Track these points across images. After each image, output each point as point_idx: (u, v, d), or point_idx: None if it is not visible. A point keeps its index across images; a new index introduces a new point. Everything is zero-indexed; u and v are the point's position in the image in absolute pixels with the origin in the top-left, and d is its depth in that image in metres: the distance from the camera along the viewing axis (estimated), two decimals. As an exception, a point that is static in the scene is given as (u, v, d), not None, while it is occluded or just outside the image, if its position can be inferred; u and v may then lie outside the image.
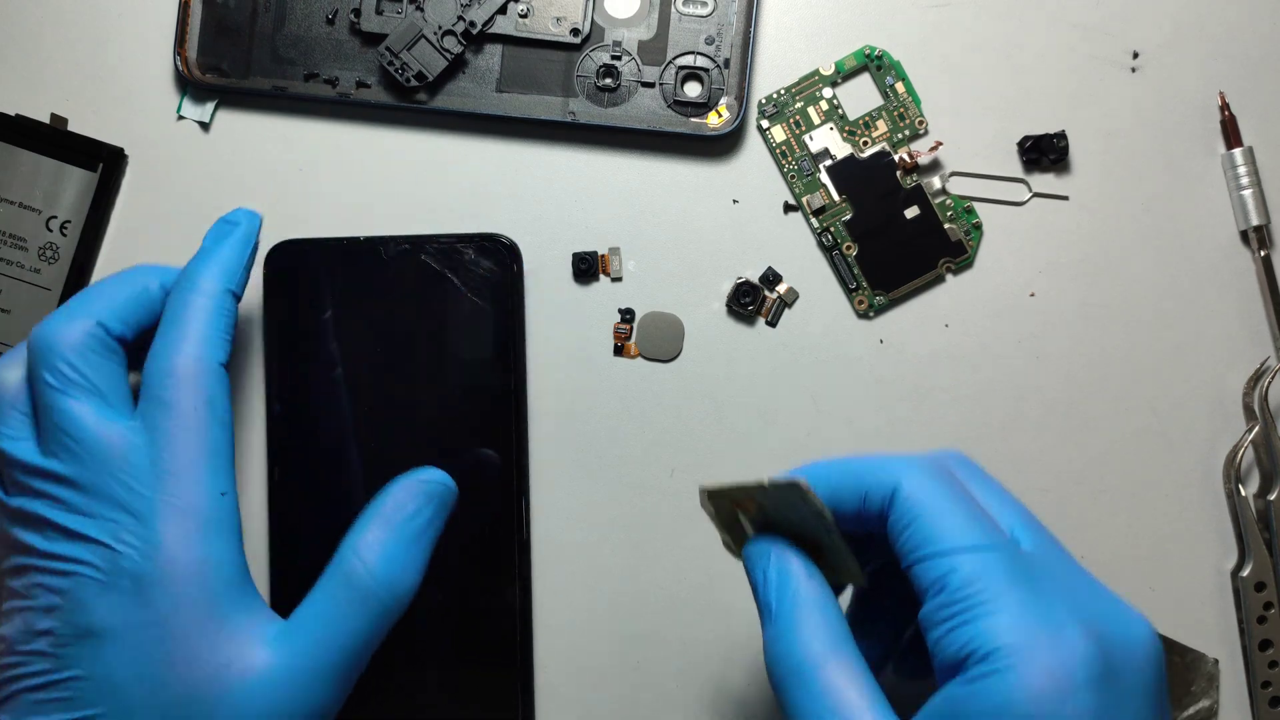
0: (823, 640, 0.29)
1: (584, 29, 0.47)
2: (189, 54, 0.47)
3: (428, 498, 0.37)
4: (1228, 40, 0.48)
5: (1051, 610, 0.27)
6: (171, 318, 0.37)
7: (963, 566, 0.28)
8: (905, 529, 0.29)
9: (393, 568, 0.35)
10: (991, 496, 0.32)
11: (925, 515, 0.29)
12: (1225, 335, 0.47)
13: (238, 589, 0.34)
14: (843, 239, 0.47)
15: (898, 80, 0.47)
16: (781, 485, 0.31)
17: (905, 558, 0.29)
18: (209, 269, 0.38)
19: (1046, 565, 0.29)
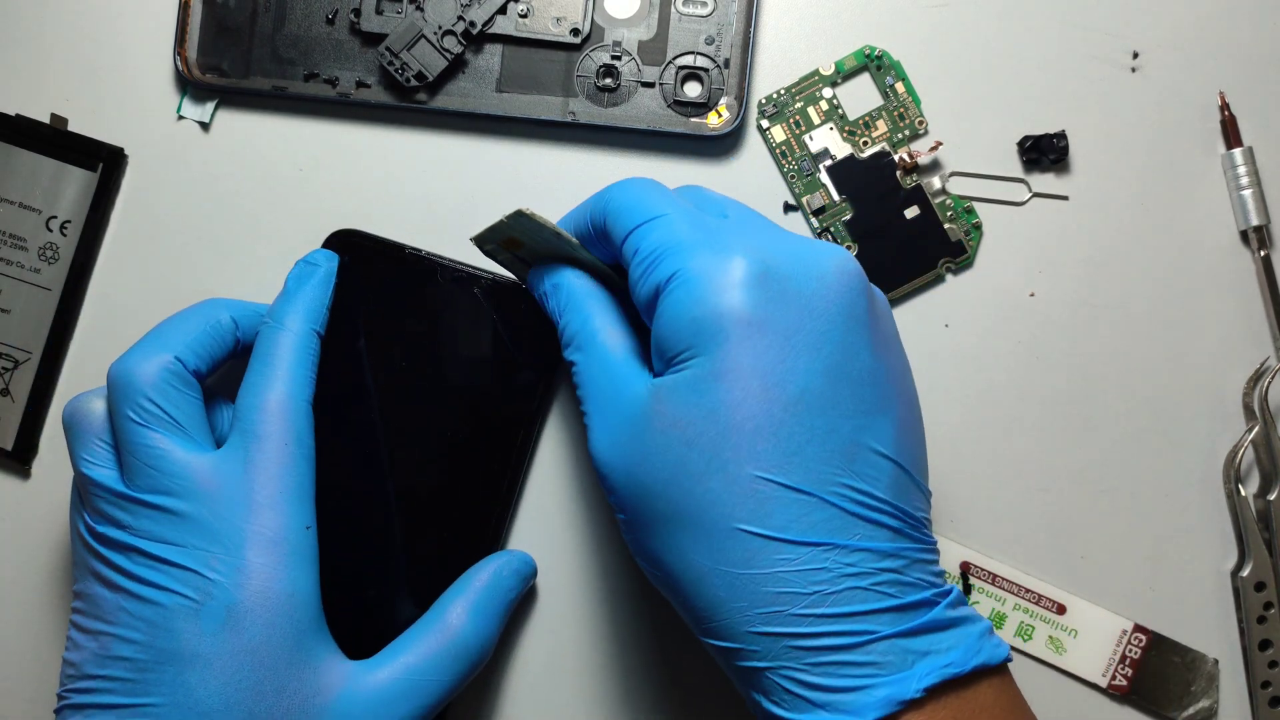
0: (600, 319, 0.37)
1: (584, 29, 0.47)
2: (189, 54, 0.47)
3: (518, 578, 0.42)
4: (1228, 40, 0.48)
5: (725, 246, 0.32)
6: (262, 355, 0.39)
7: (651, 231, 0.33)
8: (611, 220, 0.35)
9: (484, 633, 0.39)
10: (713, 200, 0.38)
11: (623, 204, 0.35)
12: (1225, 335, 0.47)
13: (318, 622, 0.36)
14: (843, 239, 0.47)
15: (898, 80, 0.47)
16: (513, 215, 0.37)
17: (617, 248, 0.35)
18: (296, 309, 0.40)
19: (741, 228, 0.34)
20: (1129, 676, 0.46)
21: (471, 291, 0.43)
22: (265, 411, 0.37)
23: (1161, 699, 0.46)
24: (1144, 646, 0.46)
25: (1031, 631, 0.46)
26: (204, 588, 0.34)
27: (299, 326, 0.39)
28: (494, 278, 0.43)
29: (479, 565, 0.41)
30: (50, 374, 0.48)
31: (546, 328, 0.40)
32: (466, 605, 0.39)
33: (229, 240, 0.48)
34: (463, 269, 0.44)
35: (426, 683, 0.37)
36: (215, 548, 0.34)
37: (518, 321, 0.43)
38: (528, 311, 0.42)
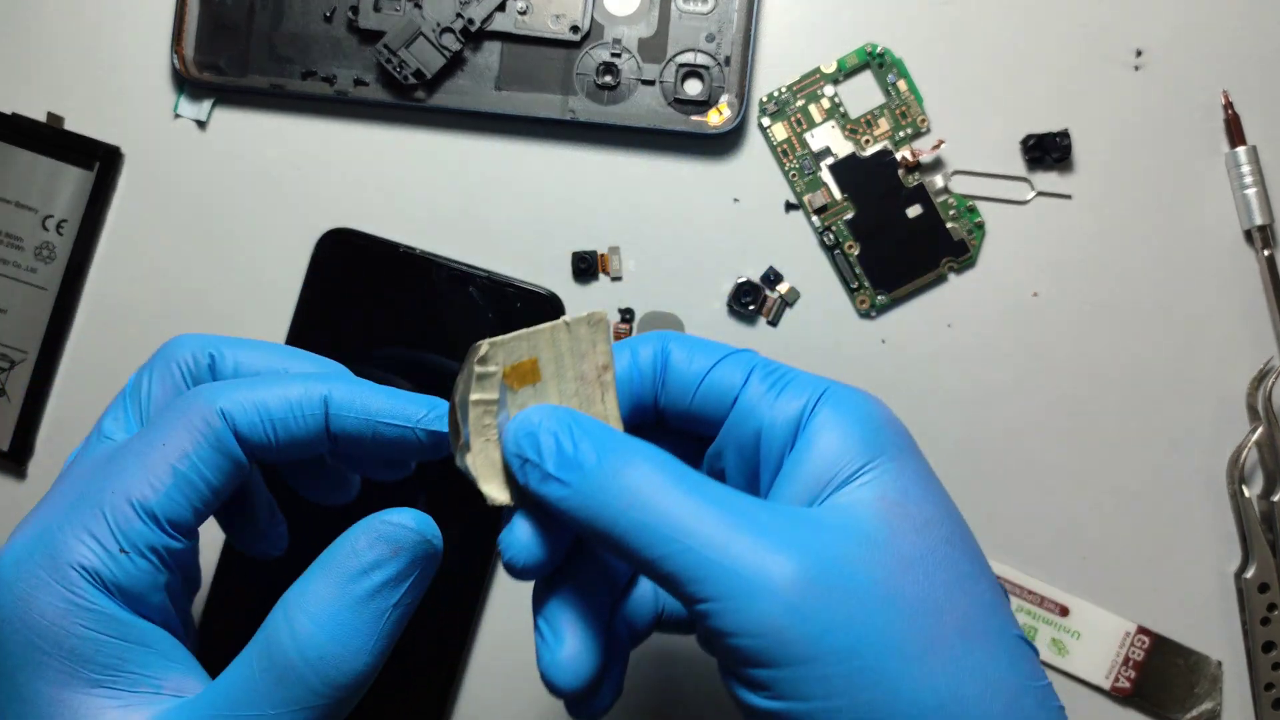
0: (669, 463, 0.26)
1: (584, 26, 0.46)
2: (186, 52, 0.47)
3: (393, 548, 0.25)
4: (1231, 39, 0.47)
5: (824, 383, 0.28)
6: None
7: (755, 358, 0.29)
8: (684, 360, 0.29)
9: (331, 641, 0.24)
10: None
11: (690, 348, 0.29)
12: (1229, 335, 0.47)
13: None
14: (844, 238, 0.47)
15: (900, 78, 0.47)
16: (580, 320, 0.28)
17: (697, 376, 0.29)
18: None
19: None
20: (1132, 679, 0.46)
21: (467, 290, 0.43)
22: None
23: (1165, 701, 0.46)
24: (1147, 648, 0.46)
25: (1034, 633, 0.46)
26: None
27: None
28: (489, 275, 0.43)
29: (342, 536, 0.26)
30: (46, 374, 0.47)
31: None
32: (306, 604, 0.25)
33: (226, 239, 0.48)
34: (457, 267, 0.43)
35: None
36: None
37: (515, 320, 0.42)
38: (524, 310, 0.42)
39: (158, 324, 0.48)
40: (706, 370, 0.28)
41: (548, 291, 0.45)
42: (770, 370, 0.28)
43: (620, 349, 0.29)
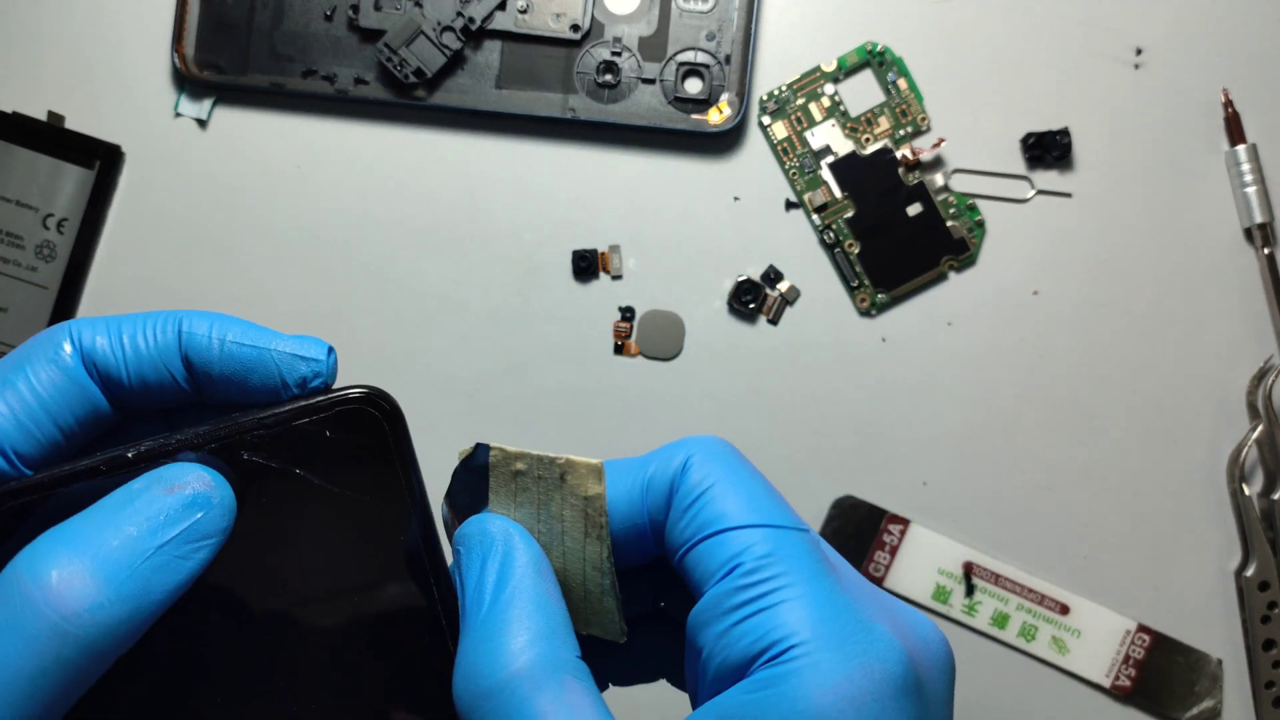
0: (542, 651, 0.22)
1: (584, 25, 0.46)
2: (186, 51, 0.47)
3: (197, 504, 0.22)
4: (1231, 37, 0.47)
5: (859, 604, 0.21)
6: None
7: (762, 542, 0.22)
8: (691, 506, 0.23)
9: (85, 586, 0.20)
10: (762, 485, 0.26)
11: (717, 488, 0.23)
12: (1229, 333, 0.47)
13: None
14: (845, 236, 0.47)
15: (900, 77, 0.47)
16: (576, 465, 0.24)
17: (688, 541, 0.23)
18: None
19: (837, 560, 0.24)
20: (1133, 677, 0.46)
21: (243, 458, 0.23)
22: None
23: (1165, 699, 0.46)
24: (1147, 647, 0.46)
25: (1035, 632, 0.46)
26: None
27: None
28: (261, 419, 0.23)
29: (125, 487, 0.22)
30: (47, 373, 0.47)
31: (375, 440, 0.24)
32: (60, 550, 0.20)
33: (226, 238, 0.48)
34: (195, 435, 0.23)
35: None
36: None
37: (336, 451, 0.24)
38: (341, 434, 0.24)
39: (158, 323, 0.48)
40: (696, 538, 0.23)
41: (360, 392, 0.24)
42: (758, 580, 0.21)
43: (633, 469, 0.24)
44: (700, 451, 0.24)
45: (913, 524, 0.46)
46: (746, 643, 0.21)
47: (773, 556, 0.22)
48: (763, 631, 0.21)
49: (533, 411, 0.47)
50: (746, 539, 0.22)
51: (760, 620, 0.21)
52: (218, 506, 0.22)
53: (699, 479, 0.23)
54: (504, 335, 0.47)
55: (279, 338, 0.24)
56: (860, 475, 0.47)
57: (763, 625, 0.21)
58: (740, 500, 0.23)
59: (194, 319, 0.24)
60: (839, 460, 0.47)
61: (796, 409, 0.47)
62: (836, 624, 0.21)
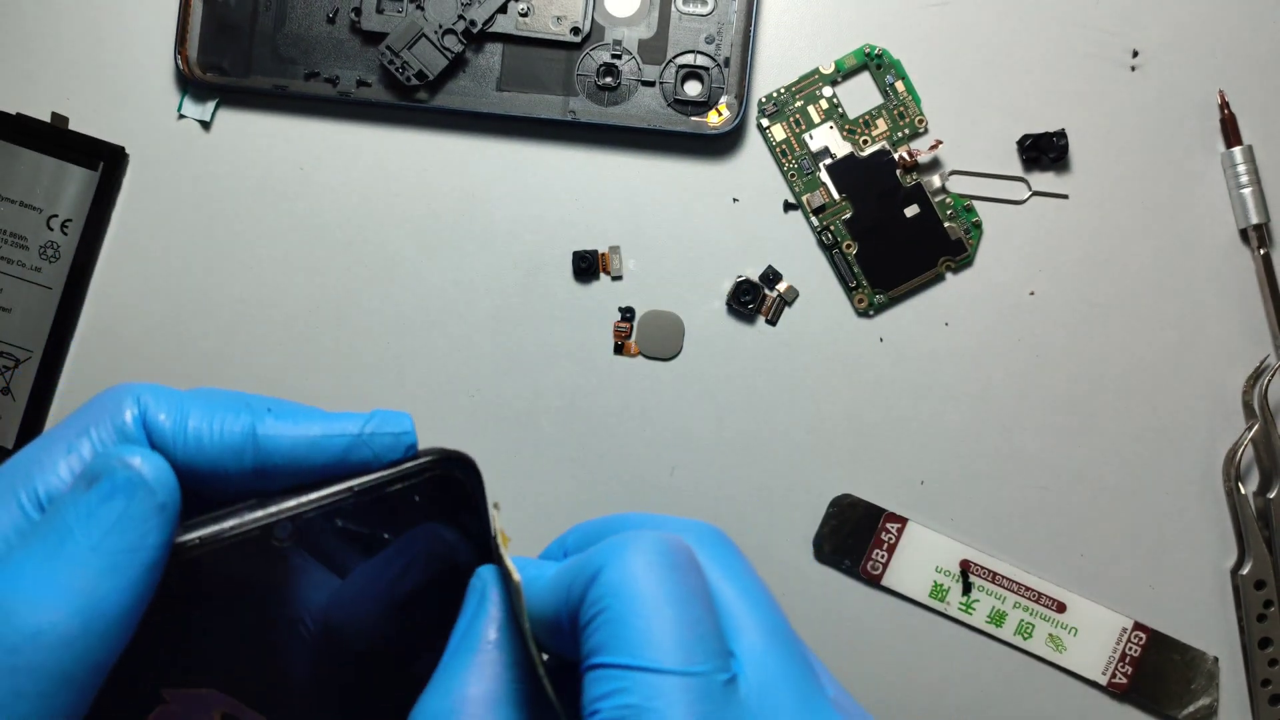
0: (486, 689, 0.22)
1: (584, 28, 0.47)
2: (190, 53, 0.47)
3: (118, 491, 0.20)
4: (1227, 39, 0.48)
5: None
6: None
7: (636, 689, 0.20)
8: (590, 622, 0.21)
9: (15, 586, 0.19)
10: (739, 590, 0.23)
11: (619, 611, 0.21)
12: (1225, 333, 0.47)
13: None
14: (843, 237, 0.47)
15: (898, 79, 0.47)
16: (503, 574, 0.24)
17: (585, 659, 0.21)
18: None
19: (763, 705, 0.21)
20: (1129, 674, 0.46)
21: (337, 528, 0.23)
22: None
23: (1161, 697, 0.46)
24: (1144, 644, 0.46)
25: (1031, 630, 0.46)
26: None
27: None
28: (353, 489, 0.23)
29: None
30: (51, 373, 0.48)
31: (463, 505, 0.25)
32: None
33: (229, 239, 0.48)
34: (297, 510, 0.23)
35: None
36: None
37: (415, 517, 0.24)
38: (426, 500, 0.24)
39: (161, 323, 0.48)
40: (585, 662, 0.21)
41: (448, 456, 0.24)
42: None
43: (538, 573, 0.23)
44: (616, 561, 0.21)
45: (910, 522, 0.47)
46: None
47: (635, 709, 0.20)
48: None
49: (533, 411, 0.47)
50: (616, 681, 0.20)
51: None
52: (149, 486, 0.20)
53: (598, 595, 0.21)
54: (505, 335, 0.48)
55: (358, 419, 0.24)
56: (858, 474, 0.47)
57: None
58: (633, 630, 0.21)
59: (268, 421, 0.23)
60: (837, 459, 0.47)
61: (795, 408, 0.47)
62: None
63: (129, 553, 0.20)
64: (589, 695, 0.21)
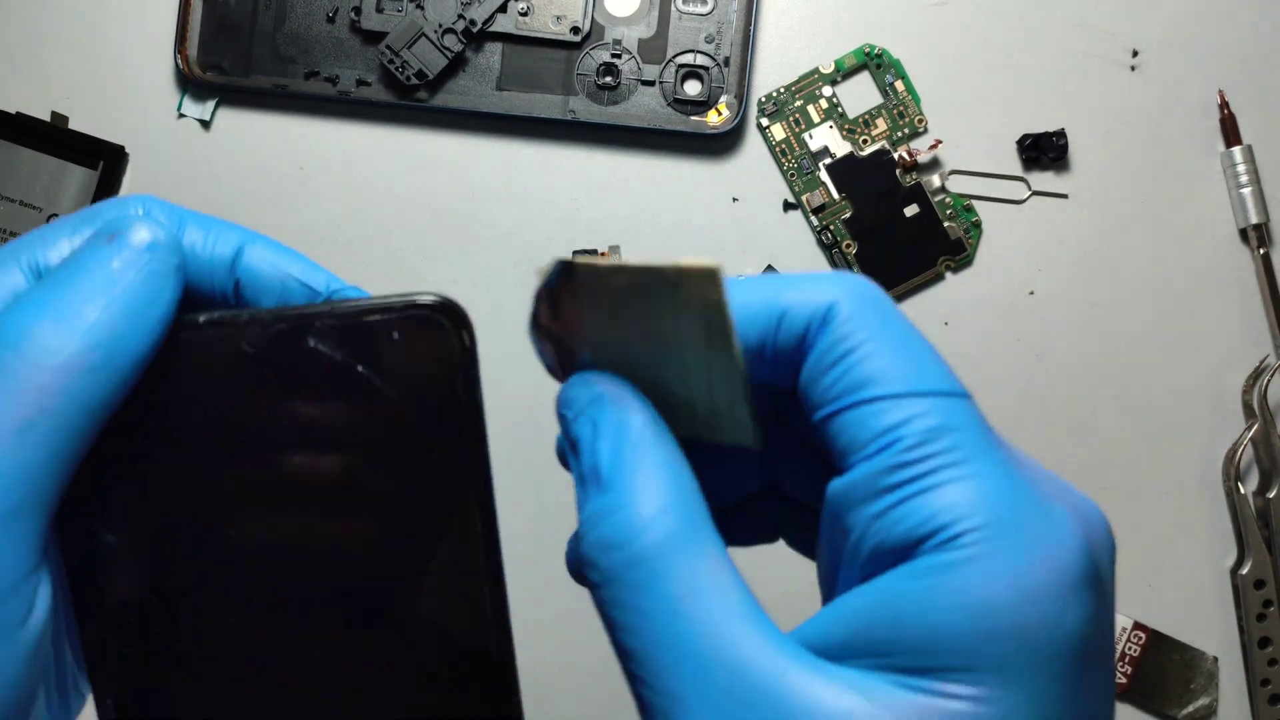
0: (677, 518, 0.20)
1: (584, 27, 0.47)
2: (189, 52, 0.47)
3: (141, 245, 0.22)
4: (1227, 39, 0.48)
5: (1035, 484, 0.19)
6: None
7: (926, 415, 0.19)
8: (839, 362, 0.20)
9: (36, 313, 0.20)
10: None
11: (871, 345, 0.20)
12: (1224, 333, 0.47)
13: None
14: (842, 237, 0.47)
15: (897, 79, 0.47)
16: (689, 271, 0.19)
17: (833, 403, 0.20)
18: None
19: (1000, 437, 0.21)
20: (1128, 674, 0.46)
21: (307, 346, 0.23)
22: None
23: (1161, 697, 0.46)
24: (1143, 644, 0.46)
25: (1031, 629, 0.46)
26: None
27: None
28: (334, 312, 0.23)
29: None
30: (51, 372, 0.48)
31: (443, 353, 0.23)
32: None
33: (229, 238, 0.48)
34: (286, 316, 0.23)
35: None
36: None
37: (391, 356, 0.24)
38: (404, 339, 0.24)
39: (161, 322, 0.48)
40: (843, 403, 0.20)
41: (434, 299, 0.23)
42: (922, 457, 0.19)
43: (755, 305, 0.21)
44: (850, 295, 0.20)
45: (910, 522, 0.47)
46: (908, 525, 0.18)
47: (939, 430, 0.19)
48: (929, 513, 0.18)
49: (533, 410, 0.47)
50: (907, 409, 0.19)
51: (925, 501, 0.18)
52: (168, 246, 0.22)
53: (848, 330, 0.20)
54: (505, 335, 0.48)
55: (338, 284, 0.25)
56: (858, 474, 0.47)
57: (929, 506, 0.18)
58: (899, 361, 0.19)
59: (259, 246, 0.24)
60: (837, 459, 0.47)
61: (795, 408, 0.47)
62: (1013, 507, 0.18)
63: (146, 303, 0.21)
64: (868, 432, 0.19)
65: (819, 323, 0.20)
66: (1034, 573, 0.18)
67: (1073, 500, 0.20)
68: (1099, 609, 0.18)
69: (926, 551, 0.18)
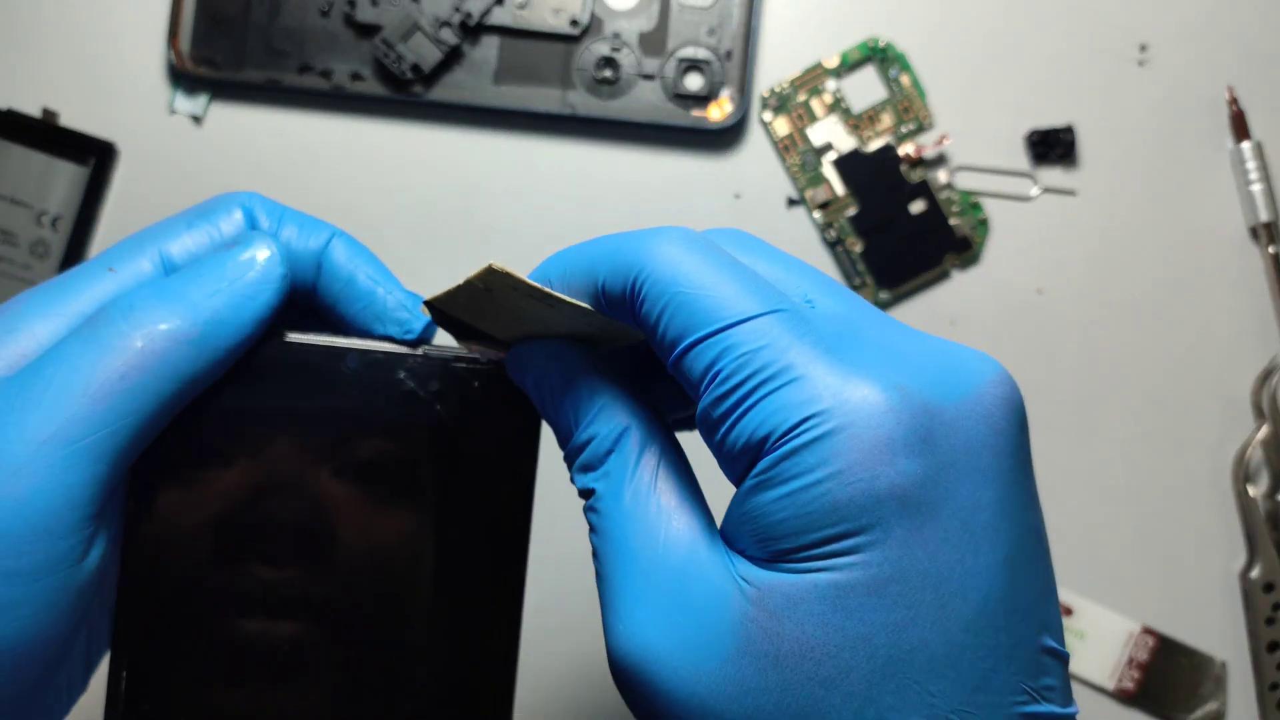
0: (640, 435, 0.24)
1: (583, 20, 0.46)
2: (181, 46, 0.47)
3: (255, 256, 0.25)
4: (1236, 34, 0.47)
5: (862, 373, 0.21)
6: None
7: (740, 341, 0.21)
8: (658, 323, 0.22)
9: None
10: (778, 265, 0.25)
11: (680, 298, 0.22)
12: (1234, 332, 0.47)
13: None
14: (847, 234, 0.47)
15: (903, 73, 0.47)
16: (484, 273, 0.23)
17: (668, 357, 0.22)
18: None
19: (851, 325, 0.23)
20: (1137, 679, 0.46)
21: (396, 377, 0.27)
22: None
23: (1169, 702, 0.46)
24: (1152, 649, 0.46)
25: (1037, 633, 0.46)
26: None
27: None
28: (424, 355, 0.27)
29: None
30: (41, 371, 0.47)
31: (520, 412, 0.27)
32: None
33: (222, 235, 0.47)
34: (377, 352, 0.27)
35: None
36: None
37: (472, 406, 0.27)
38: (483, 390, 0.27)
39: (153, 321, 0.47)
40: (674, 353, 0.22)
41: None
42: (747, 372, 0.21)
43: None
44: (653, 259, 0.22)
45: (915, 525, 0.46)
46: (739, 444, 0.21)
47: (750, 355, 0.21)
48: (750, 430, 0.21)
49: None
50: (717, 345, 0.21)
51: (746, 421, 0.21)
52: (277, 257, 0.25)
53: (658, 292, 0.22)
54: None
55: (396, 288, 0.28)
56: (862, 475, 0.47)
57: (749, 425, 0.21)
58: (707, 303, 0.22)
59: (341, 241, 0.28)
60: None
61: (798, 408, 0.47)
62: (825, 395, 0.20)
63: (248, 299, 0.24)
64: (697, 372, 0.22)
65: (631, 293, 0.23)
66: (849, 451, 0.20)
67: (925, 367, 0.22)
68: (930, 468, 0.20)
69: (768, 451, 0.21)
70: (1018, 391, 0.23)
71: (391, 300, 0.28)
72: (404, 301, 0.28)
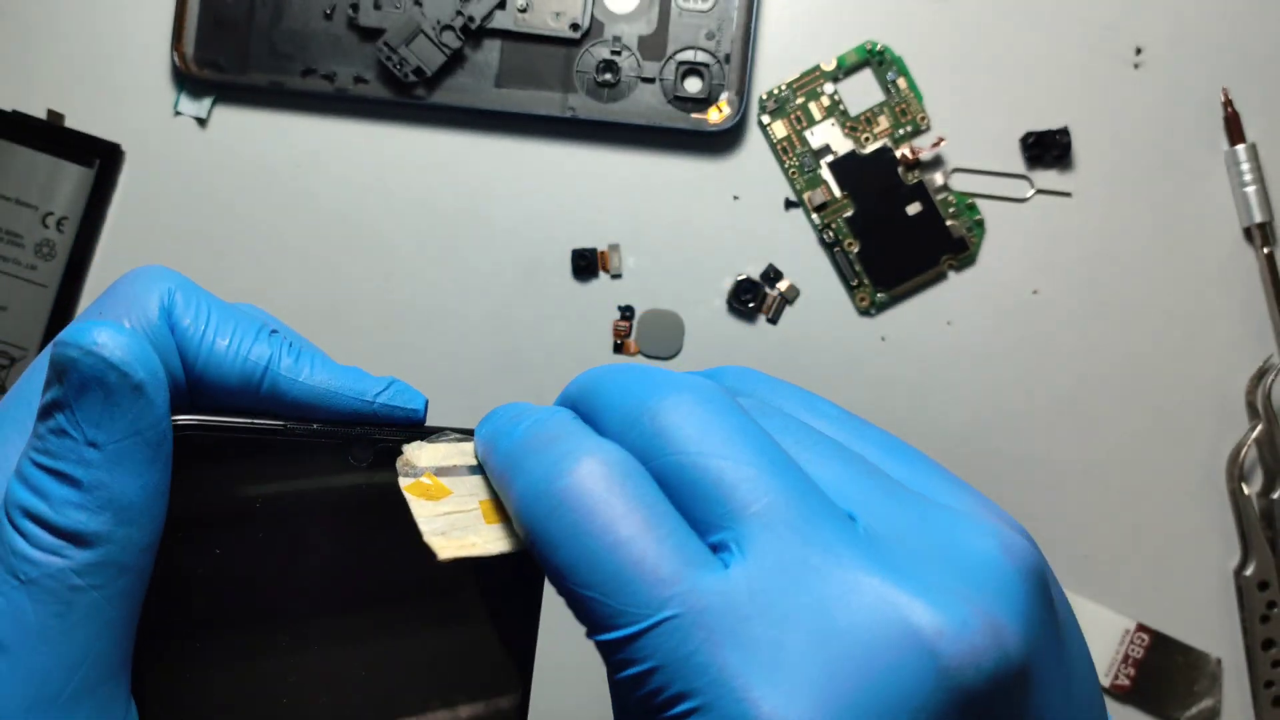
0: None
1: (583, 24, 0.46)
2: (186, 49, 0.47)
3: (89, 380, 0.18)
4: (1231, 36, 0.47)
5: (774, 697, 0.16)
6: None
7: (647, 653, 0.17)
8: (564, 594, 0.19)
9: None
10: (792, 424, 0.21)
11: (584, 567, 0.18)
12: (1228, 333, 0.47)
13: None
14: (844, 235, 0.47)
15: (900, 76, 0.47)
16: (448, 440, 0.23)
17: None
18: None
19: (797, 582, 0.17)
20: (1132, 676, 0.46)
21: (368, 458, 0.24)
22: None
23: (1164, 699, 0.46)
24: (1147, 646, 0.46)
25: (1033, 630, 0.46)
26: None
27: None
28: (389, 436, 0.24)
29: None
30: (46, 371, 0.47)
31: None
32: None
33: (226, 236, 0.48)
34: (386, 434, 0.24)
35: None
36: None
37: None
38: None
39: (158, 321, 0.48)
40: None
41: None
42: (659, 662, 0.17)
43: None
44: (563, 500, 0.18)
45: (912, 523, 0.46)
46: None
47: (661, 668, 0.17)
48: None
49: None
50: (626, 648, 0.18)
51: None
52: (118, 368, 0.18)
53: (558, 563, 0.18)
54: (503, 333, 0.47)
55: (374, 385, 0.24)
56: (859, 474, 0.47)
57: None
58: (606, 589, 0.18)
59: (289, 360, 0.23)
60: (838, 459, 0.47)
61: (796, 408, 0.47)
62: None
63: (129, 438, 0.19)
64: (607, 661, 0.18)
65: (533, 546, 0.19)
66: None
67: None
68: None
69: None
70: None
71: (383, 399, 0.24)
72: (395, 399, 0.24)
